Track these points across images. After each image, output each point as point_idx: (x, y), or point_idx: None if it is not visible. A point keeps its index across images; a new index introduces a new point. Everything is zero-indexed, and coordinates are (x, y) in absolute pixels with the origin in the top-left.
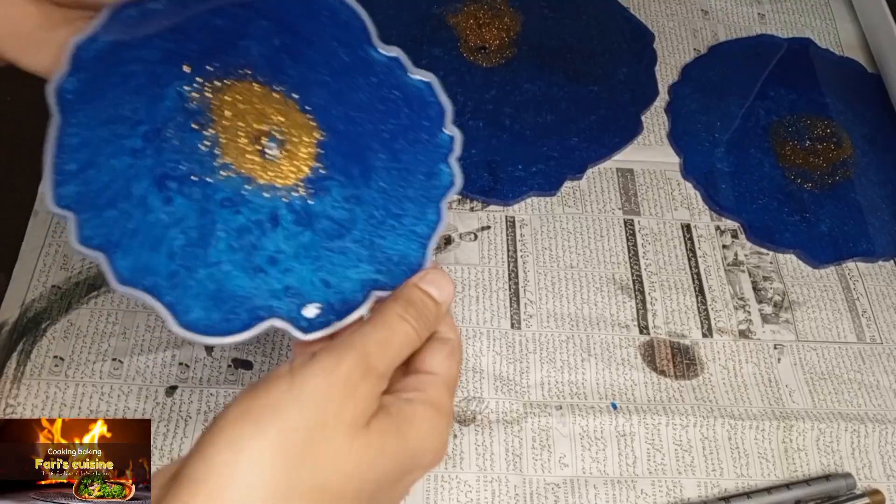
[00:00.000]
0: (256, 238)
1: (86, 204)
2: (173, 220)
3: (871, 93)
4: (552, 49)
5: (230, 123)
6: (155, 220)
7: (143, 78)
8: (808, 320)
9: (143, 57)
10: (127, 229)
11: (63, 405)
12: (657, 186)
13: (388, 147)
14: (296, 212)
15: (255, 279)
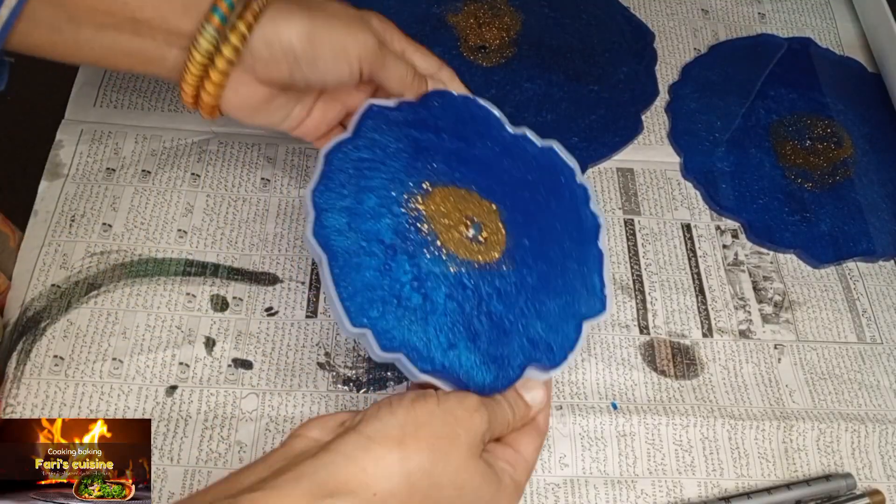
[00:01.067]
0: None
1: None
2: (434, 309)
3: (871, 92)
4: (552, 48)
5: (442, 221)
6: (423, 315)
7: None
8: (808, 320)
9: (374, 185)
10: (408, 330)
11: (63, 405)
12: (657, 186)
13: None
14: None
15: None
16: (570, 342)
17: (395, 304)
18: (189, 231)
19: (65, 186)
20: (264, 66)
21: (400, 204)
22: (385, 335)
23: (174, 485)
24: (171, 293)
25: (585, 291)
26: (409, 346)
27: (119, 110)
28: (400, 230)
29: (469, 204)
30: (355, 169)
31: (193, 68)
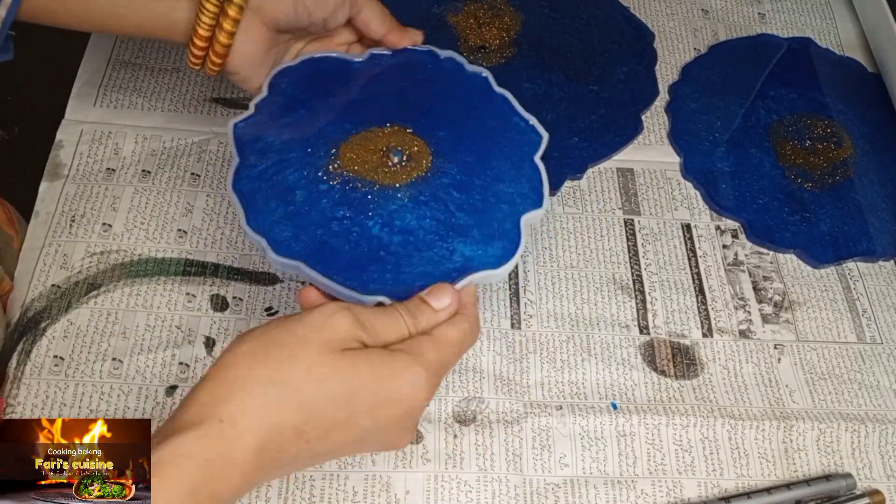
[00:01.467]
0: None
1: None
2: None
3: (871, 92)
4: (552, 48)
5: (358, 161)
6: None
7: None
8: (808, 320)
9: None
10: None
11: (63, 405)
12: (657, 186)
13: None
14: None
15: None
16: (509, 241)
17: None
18: (189, 231)
19: (65, 187)
20: (271, 4)
21: (317, 166)
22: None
23: None
24: (171, 293)
25: (522, 187)
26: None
27: (119, 110)
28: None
29: (393, 138)
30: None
31: (210, 6)
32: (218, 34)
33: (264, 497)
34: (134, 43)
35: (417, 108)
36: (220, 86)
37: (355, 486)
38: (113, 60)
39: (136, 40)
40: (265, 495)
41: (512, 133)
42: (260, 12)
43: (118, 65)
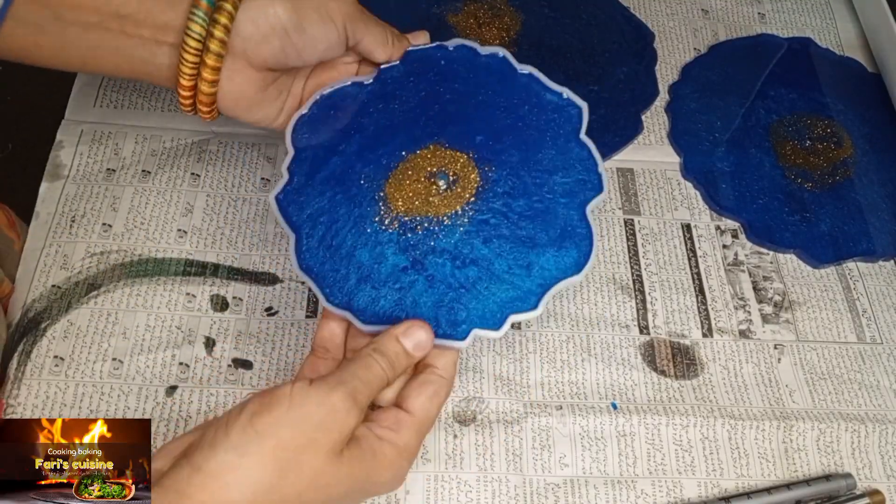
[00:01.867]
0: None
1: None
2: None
3: (871, 92)
4: (552, 48)
5: (404, 195)
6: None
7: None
8: (808, 320)
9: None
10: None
11: (63, 405)
12: (657, 186)
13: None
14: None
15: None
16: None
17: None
18: (189, 231)
19: (65, 187)
20: (255, 45)
21: (370, 216)
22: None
23: None
24: (171, 293)
25: (576, 172)
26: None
27: (119, 110)
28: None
29: (433, 160)
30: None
31: (189, 56)
32: (199, 84)
33: None
34: None
35: (445, 116)
36: None
37: None
38: None
39: None
40: None
41: (548, 113)
42: (245, 55)
43: None
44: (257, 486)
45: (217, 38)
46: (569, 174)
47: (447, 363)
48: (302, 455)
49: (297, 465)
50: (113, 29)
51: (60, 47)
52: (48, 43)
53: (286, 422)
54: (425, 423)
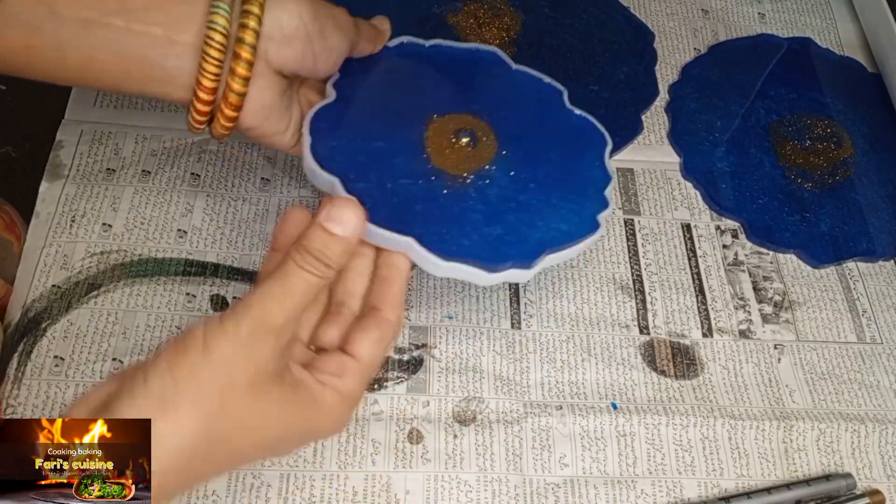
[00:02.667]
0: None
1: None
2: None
3: (871, 92)
4: (552, 48)
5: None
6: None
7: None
8: (808, 320)
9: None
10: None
11: (63, 405)
12: (657, 186)
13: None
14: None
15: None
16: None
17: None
18: (189, 231)
19: (65, 187)
20: (277, 49)
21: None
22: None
23: None
24: (171, 293)
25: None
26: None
27: (119, 110)
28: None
29: (464, 122)
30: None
31: (213, 53)
32: (230, 81)
33: (264, 497)
34: None
35: (492, 104)
36: None
37: (355, 485)
38: None
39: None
40: (265, 495)
41: (576, 131)
42: (266, 57)
43: None
44: (183, 439)
45: (248, 44)
46: (587, 185)
47: (395, 303)
48: (224, 397)
49: (219, 409)
50: (117, 26)
51: (55, 49)
52: (41, 45)
53: (202, 365)
54: (370, 368)
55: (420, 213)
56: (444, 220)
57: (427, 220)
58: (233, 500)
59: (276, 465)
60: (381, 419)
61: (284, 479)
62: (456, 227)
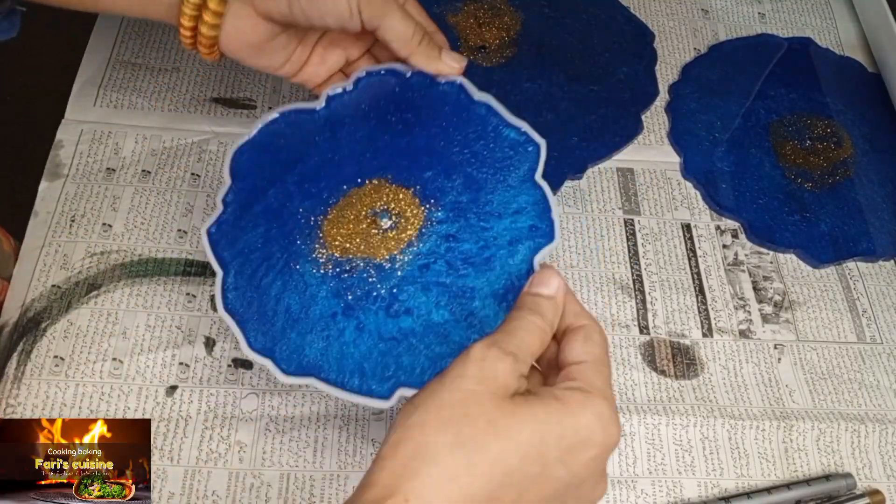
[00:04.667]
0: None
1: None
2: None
3: (871, 92)
4: (552, 48)
5: (344, 240)
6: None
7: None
8: (808, 320)
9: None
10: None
11: (63, 405)
12: (657, 186)
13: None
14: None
15: None
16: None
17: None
18: (189, 231)
19: (65, 187)
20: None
21: (304, 255)
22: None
23: (174, 485)
24: (171, 293)
25: (529, 217)
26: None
27: (119, 110)
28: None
29: (377, 196)
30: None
31: (188, 4)
32: (200, 26)
33: (264, 497)
34: (134, 43)
35: (394, 148)
36: (220, 86)
37: (355, 486)
38: (113, 60)
39: (136, 38)
40: (265, 495)
41: (504, 149)
42: (252, 3)
43: (118, 65)
44: (432, 439)
45: None
46: (519, 219)
47: (575, 313)
48: (467, 407)
49: (465, 416)
50: None
51: None
52: None
53: (437, 387)
54: (599, 363)
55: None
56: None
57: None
58: (233, 500)
59: (276, 465)
60: (380, 419)
61: (284, 479)
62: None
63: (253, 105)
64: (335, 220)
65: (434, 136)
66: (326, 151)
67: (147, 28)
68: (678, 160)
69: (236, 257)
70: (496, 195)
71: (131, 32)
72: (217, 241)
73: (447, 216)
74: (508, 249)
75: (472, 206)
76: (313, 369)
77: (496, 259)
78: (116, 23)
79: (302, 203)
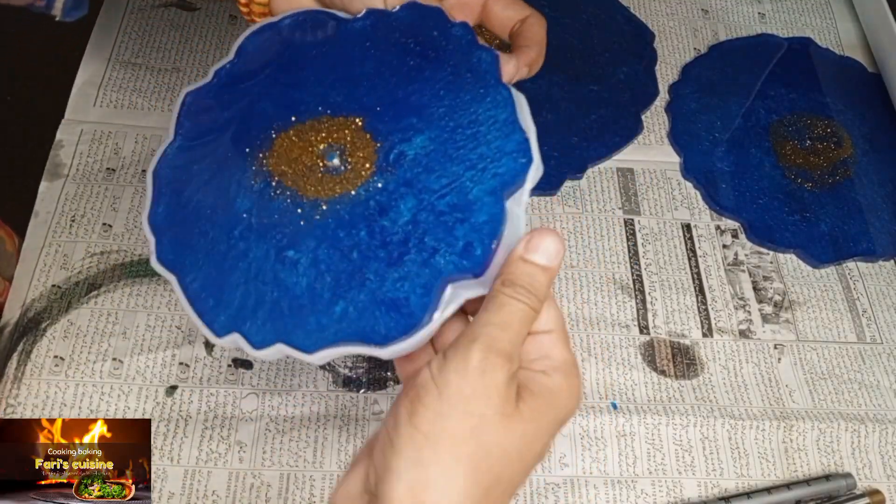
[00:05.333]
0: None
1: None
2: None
3: (871, 92)
4: (552, 48)
5: (291, 170)
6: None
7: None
8: (808, 320)
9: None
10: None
11: (63, 405)
12: (657, 186)
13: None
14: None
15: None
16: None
17: (254, 298)
18: None
19: (65, 187)
20: None
21: (242, 182)
22: (255, 334)
23: (174, 485)
24: (171, 293)
25: (503, 149)
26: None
27: (119, 110)
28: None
29: (321, 132)
30: (186, 172)
31: None
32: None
33: (264, 497)
34: (134, 43)
35: (388, 93)
36: None
37: None
38: (113, 60)
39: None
40: (265, 495)
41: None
42: None
43: (118, 65)
44: (459, 493)
45: None
46: (487, 160)
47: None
48: (480, 438)
49: (481, 451)
50: None
51: None
52: None
53: (444, 410)
54: (563, 331)
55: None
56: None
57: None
58: (233, 500)
59: (276, 465)
60: (380, 419)
61: (284, 479)
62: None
63: None
64: (292, 135)
65: (435, 102)
66: (323, 67)
67: (147, 28)
68: (678, 160)
69: (192, 129)
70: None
71: (131, 32)
72: (188, 106)
73: (395, 188)
74: (477, 187)
75: (429, 191)
76: (187, 272)
77: (462, 200)
78: (116, 23)
79: (273, 106)
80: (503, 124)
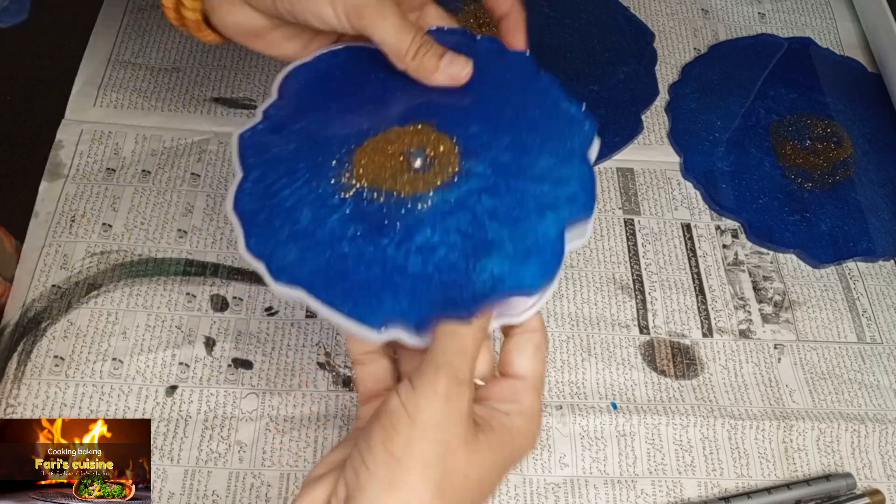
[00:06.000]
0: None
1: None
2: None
3: (871, 92)
4: (552, 48)
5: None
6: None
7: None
8: (808, 320)
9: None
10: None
11: (63, 405)
12: (657, 186)
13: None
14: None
15: None
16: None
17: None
18: (189, 231)
19: (65, 187)
20: None
21: (332, 200)
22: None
23: (174, 485)
24: (171, 293)
25: (569, 188)
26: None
27: (119, 110)
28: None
29: (414, 137)
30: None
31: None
32: (182, 10)
33: (264, 497)
34: (134, 43)
35: (446, 99)
36: (220, 86)
37: None
38: (113, 60)
39: (136, 38)
40: (265, 495)
41: (560, 121)
42: None
43: (118, 65)
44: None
45: None
46: (559, 188)
47: (533, 318)
48: (446, 462)
49: (446, 476)
50: None
51: None
52: None
53: (416, 436)
54: (539, 381)
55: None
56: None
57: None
58: (233, 500)
59: (276, 465)
60: None
61: (284, 479)
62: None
63: (253, 105)
64: (369, 149)
65: (490, 96)
66: (378, 90)
67: (147, 28)
68: (678, 160)
69: (260, 165)
70: (541, 160)
71: (131, 32)
72: (246, 147)
73: (484, 171)
74: (539, 214)
75: (513, 167)
76: (305, 283)
77: (525, 221)
78: (116, 23)
79: (340, 130)
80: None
